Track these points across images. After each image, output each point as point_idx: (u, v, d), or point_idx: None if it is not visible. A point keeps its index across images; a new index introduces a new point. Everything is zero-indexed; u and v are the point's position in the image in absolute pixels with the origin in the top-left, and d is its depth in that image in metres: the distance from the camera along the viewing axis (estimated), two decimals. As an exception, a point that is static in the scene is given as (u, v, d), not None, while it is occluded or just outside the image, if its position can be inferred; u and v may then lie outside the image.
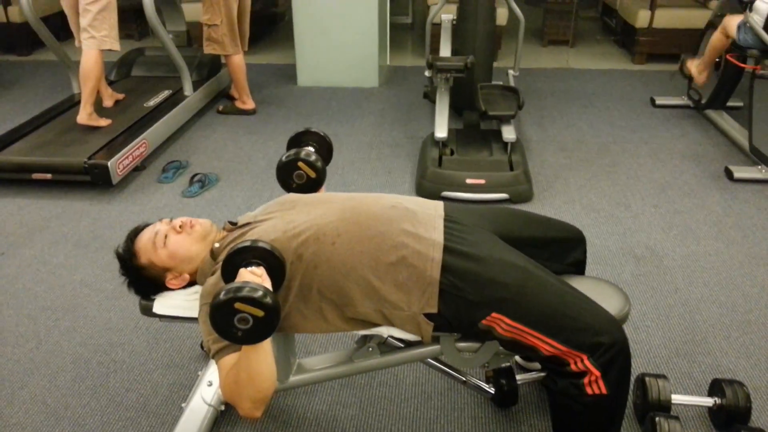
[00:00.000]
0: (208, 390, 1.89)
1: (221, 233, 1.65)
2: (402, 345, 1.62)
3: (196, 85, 4.28)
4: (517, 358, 2.04)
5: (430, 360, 1.81)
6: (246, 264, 1.38)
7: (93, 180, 3.24)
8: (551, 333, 1.42)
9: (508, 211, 1.88)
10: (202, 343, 2.18)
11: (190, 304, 1.63)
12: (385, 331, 1.53)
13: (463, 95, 3.84)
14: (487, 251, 1.50)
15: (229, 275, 1.37)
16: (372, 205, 1.55)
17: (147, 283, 1.63)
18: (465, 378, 1.90)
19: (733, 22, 3.51)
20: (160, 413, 1.95)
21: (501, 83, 3.81)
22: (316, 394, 2.01)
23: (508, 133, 3.32)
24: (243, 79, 4.22)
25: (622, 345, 1.43)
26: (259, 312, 1.25)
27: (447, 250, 1.46)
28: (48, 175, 3.28)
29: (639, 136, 3.91)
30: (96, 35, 3.42)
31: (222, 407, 1.89)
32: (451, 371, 1.89)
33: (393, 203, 1.56)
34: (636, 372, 1.86)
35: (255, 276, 1.34)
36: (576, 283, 1.56)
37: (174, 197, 3.27)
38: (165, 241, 1.57)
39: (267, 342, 1.34)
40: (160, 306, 1.64)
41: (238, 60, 4.11)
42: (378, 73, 4.88)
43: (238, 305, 1.24)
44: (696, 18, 4.91)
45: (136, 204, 3.20)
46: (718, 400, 1.81)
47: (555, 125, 4.09)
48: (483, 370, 1.97)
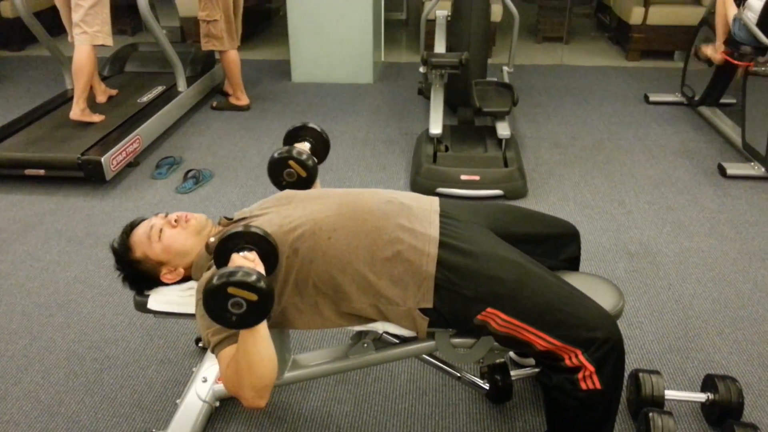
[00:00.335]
0: (202, 386, 1.89)
1: (216, 228, 1.65)
2: (397, 341, 1.63)
3: (189, 81, 4.26)
4: (512, 353, 2.05)
5: (425, 356, 1.82)
6: (238, 249, 1.37)
7: (86, 176, 3.22)
8: (546, 328, 1.43)
9: (502, 207, 1.88)
10: (196, 339, 2.18)
11: (184, 300, 1.62)
12: (381, 327, 1.54)
13: (458, 92, 3.84)
14: (483, 247, 1.50)
15: (222, 261, 1.37)
16: (368, 201, 1.55)
17: (141, 278, 1.62)
18: (460, 374, 1.91)
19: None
20: (154, 409, 1.95)
21: (495, 80, 3.81)
22: (311, 390, 2.01)
23: (502, 130, 3.32)
24: (237, 75, 4.21)
25: (616, 340, 1.44)
26: (253, 296, 1.24)
27: (442, 245, 1.46)
28: (41, 171, 3.26)
29: (633, 132, 3.92)
30: (88, 30, 3.40)
31: (217, 403, 1.89)
32: (446, 367, 1.90)
33: (389, 198, 1.57)
34: (629, 367, 1.87)
35: (247, 261, 1.33)
36: (570, 279, 1.57)
37: (168, 193, 3.26)
38: (160, 235, 1.56)
39: (264, 328, 1.33)
40: (154, 302, 1.64)
41: (233, 55, 4.10)
42: (372, 70, 4.87)
43: (231, 290, 1.23)
44: (690, 15, 4.93)
45: (129, 200, 3.19)
46: (710, 395, 1.82)
47: (549, 122, 4.09)
48: (478, 366, 1.97)
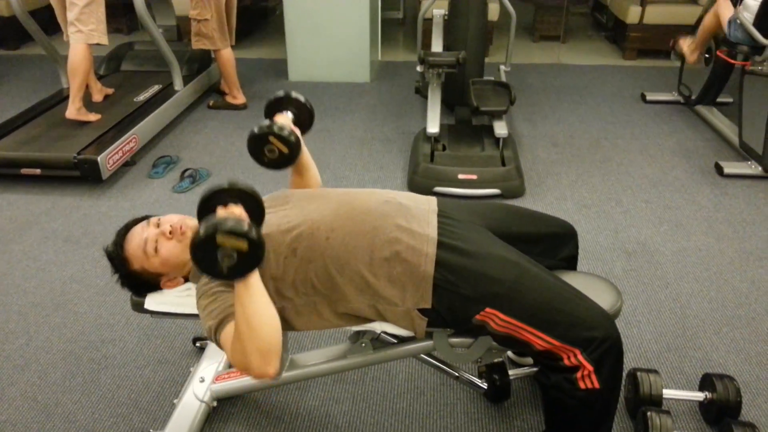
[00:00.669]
0: (200, 386, 1.88)
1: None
2: (395, 341, 1.62)
3: (186, 80, 4.25)
4: (510, 353, 2.04)
5: (423, 355, 1.81)
6: (223, 205, 1.34)
7: (83, 175, 3.21)
8: (545, 328, 1.43)
9: (500, 207, 1.88)
10: (194, 339, 2.17)
11: (181, 300, 1.62)
12: (378, 327, 1.53)
13: (455, 91, 3.84)
14: (481, 246, 1.50)
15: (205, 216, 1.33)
16: (366, 201, 1.54)
17: (141, 284, 1.62)
18: (458, 373, 1.91)
19: (725, 5, 3.53)
20: (151, 410, 1.94)
21: (493, 79, 3.81)
22: (308, 389, 2.01)
23: (499, 129, 3.32)
24: (233, 74, 4.20)
25: (614, 340, 1.44)
26: (243, 244, 1.20)
27: (441, 245, 1.46)
28: (37, 171, 3.25)
29: (630, 131, 3.92)
30: (83, 29, 3.39)
31: (214, 404, 1.89)
32: (444, 366, 1.89)
33: (387, 198, 1.56)
34: (627, 366, 1.87)
35: (233, 213, 1.31)
36: (568, 279, 1.56)
37: (164, 192, 3.25)
38: (156, 248, 1.54)
39: (260, 285, 1.31)
40: (151, 302, 1.63)
41: (227, 54, 4.09)
42: (369, 69, 4.86)
43: (220, 238, 1.19)
44: (686, 14, 4.93)
45: (126, 199, 3.18)
46: (708, 394, 1.83)
47: (546, 121, 4.09)
48: (476, 365, 1.97)
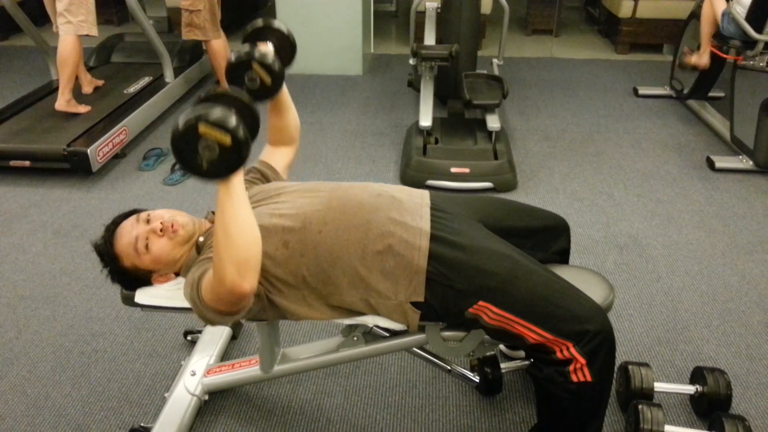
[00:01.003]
0: (191, 380, 1.87)
1: (205, 224, 1.62)
2: (387, 334, 1.62)
3: (177, 72, 4.22)
4: (502, 346, 2.04)
5: (415, 349, 1.81)
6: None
7: (72, 167, 3.18)
8: (538, 321, 1.42)
9: (493, 200, 1.87)
10: (185, 333, 2.16)
11: (172, 294, 1.60)
12: (371, 321, 1.53)
13: (448, 84, 3.83)
14: (474, 240, 1.50)
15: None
16: (358, 194, 1.53)
17: (131, 280, 1.60)
18: (450, 367, 1.91)
19: None
20: (142, 403, 1.93)
21: (485, 72, 3.80)
22: (300, 383, 2.00)
23: (492, 122, 3.32)
24: (223, 65, 4.16)
25: (607, 333, 1.44)
26: (226, 139, 1.16)
27: (434, 238, 1.45)
28: (26, 163, 3.22)
29: (622, 125, 3.93)
30: (72, 20, 3.36)
31: (206, 397, 1.88)
32: (436, 360, 1.89)
33: (379, 192, 1.55)
34: (619, 360, 1.87)
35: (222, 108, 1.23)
36: (561, 272, 1.56)
37: (155, 185, 3.23)
38: (147, 246, 1.53)
39: (242, 191, 1.27)
40: (142, 296, 1.62)
41: (216, 45, 4.04)
42: (362, 61, 4.85)
43: (203, 128, 1.15)
44: (679, 8, 4.94)
45: (116, 192, 3.16)
46: (699, 387, 1.84)
47: (539, 114, 4.09)
48: (468, 358, 1.97)
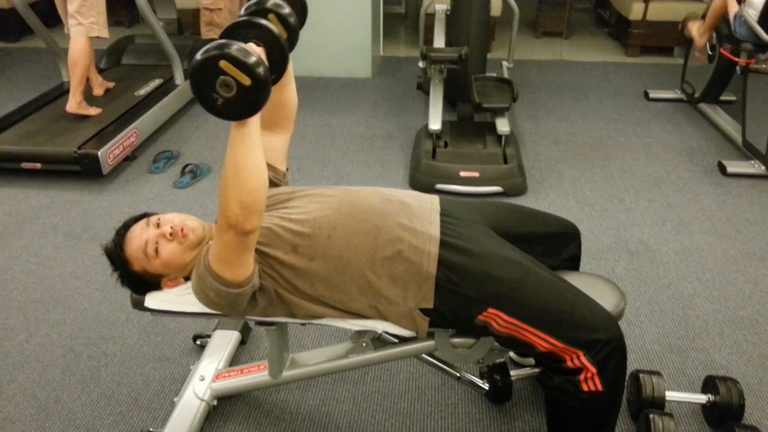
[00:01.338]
0: (200, 384, 1.88)
1: (214, 228, 1.62)
2: (396, 341, 1.61)
3: (187, 74, 4.22)
4: (512, 353, 2.03)
5: (424, 355, 1.80)
6: (245, 41, 1.22)
7: (83, 170, 3.19)
8: (548, 329, 1.41)
9: (503, 206, 1.87)
10: (194, 337, 2.17)
11: (182, 298, 1.60)
12: (380, 327, 1.52)
13: (457, 87, 3.82)
14: (484, 246, 1.49)
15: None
16: (368, 198, 1.53)
17: (141, 284, 1.60)
18: (459, 374, 1.90)
19: None
20: (151, 408, 1.94)
21: (495, 75, 3.79)
22: (309, 389, 2.00)
23: (502, 126, 3.31)
24: None
25: (618, 342, 1.43)
26: (246, 79, 1.12)
27: (443, 244, 1.45)
28: (37, 165, 3.23)
29: (632, 129, 3.90)
30: (83, 22, 3.37)
31: (214, 402, 1.88)
32: (446, 367, 1.88)
33: (389, 197, 1.55)
34: (630, 368, 1.85)
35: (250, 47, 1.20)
36: (572, 279, 1.55)
37: (165, 188, 3.23)
38: (157, 250, 1.52)
39: (256, 133, 1.25)
40: (151, 300, 1.62)
41: None
42: (371, 64, 4.84)
43: (223, 64, 1.11)
44: (689, 10, 4.88)
45: (126, 194, 3.17)
46: (711, 397, 1.82)
47: (549, 118, 4.08)
48: (477, 365, 1.96)
